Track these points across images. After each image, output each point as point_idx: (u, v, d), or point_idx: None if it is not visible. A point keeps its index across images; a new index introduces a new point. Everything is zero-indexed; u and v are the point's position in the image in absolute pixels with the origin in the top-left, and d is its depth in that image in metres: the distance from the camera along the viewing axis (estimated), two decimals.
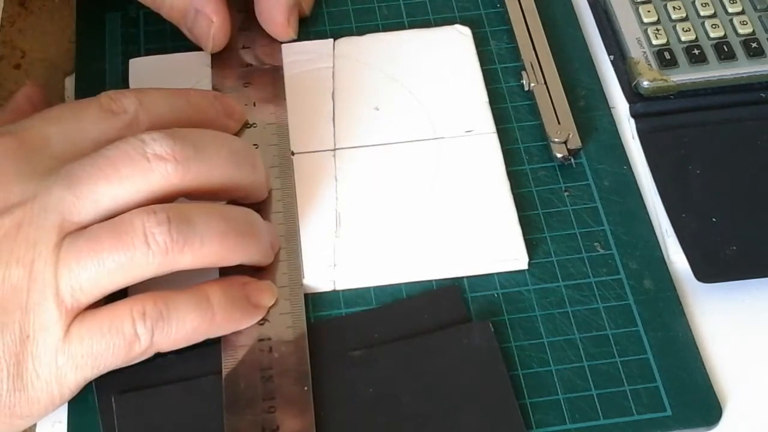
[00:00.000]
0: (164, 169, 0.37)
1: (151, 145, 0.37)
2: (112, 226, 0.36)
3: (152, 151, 0.37)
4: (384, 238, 0.43)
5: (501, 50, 0.50)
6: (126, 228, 0.36)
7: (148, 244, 0.36)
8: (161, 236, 0.36)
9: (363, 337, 0.41)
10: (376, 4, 0.52)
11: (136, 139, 0.37)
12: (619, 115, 0.49)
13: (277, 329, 0.40)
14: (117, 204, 0.37)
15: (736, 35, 0.49)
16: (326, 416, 0.38)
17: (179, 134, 0.38)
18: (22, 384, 0.36)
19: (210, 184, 0.38)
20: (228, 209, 0.40)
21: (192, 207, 0.38)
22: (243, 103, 0.45)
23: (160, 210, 0.36)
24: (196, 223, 0.37)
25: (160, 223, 0.36)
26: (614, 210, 0.45)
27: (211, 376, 0.39)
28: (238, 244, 0.38)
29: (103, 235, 0.36)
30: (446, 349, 0.40)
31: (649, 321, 0.42)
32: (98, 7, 0.51)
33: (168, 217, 0.36)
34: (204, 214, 0.37)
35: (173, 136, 0.38)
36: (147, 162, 0.37)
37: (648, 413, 0.39)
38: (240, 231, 0.39)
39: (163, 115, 0.40)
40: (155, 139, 0.37)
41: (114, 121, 0.39)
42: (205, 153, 0.38)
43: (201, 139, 0.39)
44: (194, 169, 0.37)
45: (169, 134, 0.38)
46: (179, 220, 0.36)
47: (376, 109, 0.47)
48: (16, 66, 0.50)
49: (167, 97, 0.41)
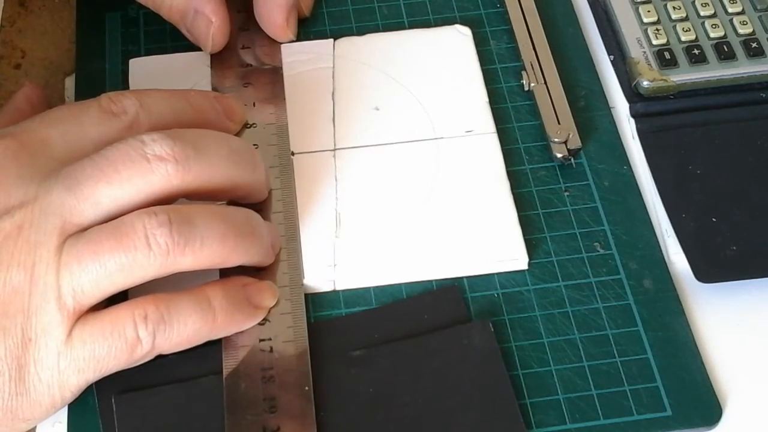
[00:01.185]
0: (164, 170, 0.37)
1: (151, 146, 0.37)
2: (113, 228, 0.36)
3: (152, 151, 0.37)
4: (384, 238, 0.43)
5: (501, 50, 0.50)
6: (127, 230, 0.36)
7: (149, 246, 0.36)
8: (162, 237, 0.36)
9: (363, 337, 0.41)
10: (376, 4, 0.52)
11: (135, 140, 0.37)
12: (619, 115, 0.49)
13: (278, 329, 0.40)
14: (117, 205, 0.37)
15: (736, 35, 0.49)
16: (326, 416, 0.38)
17: (179, 134, 0.38)
18: (24, 387, 0.36)
19: (210, 184, 0.38)
20: (228, 210, 0.40)
21: (193, 208, 0.38)
22: (243, 104, 0.45)
23: (161, 211, 0.36)
24: (197, 224, 0.37)
25: (162, 224, 0.36)
26: (614, 210, 0.45)
27: (212, 376, 0.39)
28: (238, 244, 0.38)
29: (104, 237, 0.36)
30: (446, 349, 0.40)
31: (649, 321, 0.42)
32: (98, 7, 0.51)
33: (169, 218, 0.36)
34: (205, 215, 0.37)
35: (173, 137, 0.37)
36: (147, 163, 0.37)
37: (648, 413, 0.39)
38: (241, 232, 0.39)
39: (164, 116, 0.40)
40: (155, 140, 0.37)
41: (114, 123, 0.39)
42: (205, 153, 0.38)
43: (201, 139, 0.39)
44: (195, 169, 0.37)
45: (168, 134, 0.38)
46: (180, 221, 0.36)
47: (376, 109, 0.47)
48: (16, 66, 0.50)
49: (168, 98, 0.41)
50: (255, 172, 0.41)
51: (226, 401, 0.38)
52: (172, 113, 0.41)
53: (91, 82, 0.48)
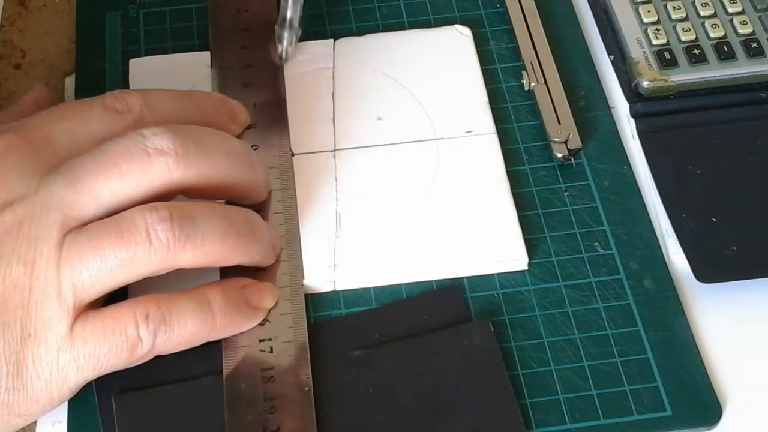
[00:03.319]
0: (165, 164, 0.37)
1: (151, 140, 0.37)
2: (113, 224, 0.36)
3: (153, 145, 0.37)
4: (384, 238, 0.43)
5: (501, 50, 0.50)
6: (128, 225, 0.36)
7: (150, 241, 0.36)
8: (164, 233, 0.36)
9: (363, 337, 0.41)
10: (376, 4, 0.52)
11: (136, 134, 0.37)
12: (619, 115, 0.49)
13: (278, 330, 0.40)
14: (117, 199, 0.37)
15: (736, 35, 0.49)
16: (326, 416, 0.38)
17: (179, 129, 0.38)
18: (21, 383, 0.35)
19: (209, 180, 0.38)
20: (229, 209, 0.40)
21: (194, 205, 0.38)
22: (245, 107, 0.45)
23: (162, 207, 0.36)
24: (199, 221, 0.37)
25: (163, 219, 0.36)
26: (614, 210, 0.45)
27: (212, 376, 0.39)
28: (239, 243, 0.38)
29: (105, 232, 0.36)
30: (446, 349, 0.40)
31: (649, 321, 0.42)
32: (98, 7, 0.51)
33: (170, 213, 0.36)
34: (206, 213, 0.37)
35: (174, 131, 0.37)
36: (147, 156, 0.37)
37: (648, 413, 0.39)
38: (241, 231, 0.39)
39: (168, 115, 0.40)
40: (155, 134, 0.37)
41: (118, 120, 0.39)
42: (205, 149, 0.38)
43: (201, 136, 0.39)
44: (195, 164, 0.37)
45: (170, 129, 0.38)
46: (181, 217, 0.36)
47: (376, 109, 0.47)
48: (16, 66, 0.50)
49: (172, 98, 0.41)
50: (253, 171, 0.41)
51: (226, 401, 0.38)
52: (176, 113, 0.41)
53: (91, 82, 0.48)
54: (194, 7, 0.51)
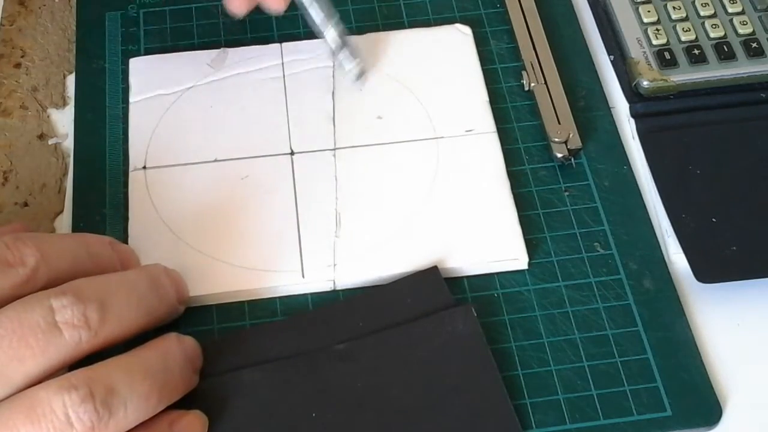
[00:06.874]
0: (77, 337, 0.34)
1: (61, 313, 0.34)
2: (26, 409, 0.33)
3: (63, 319, 0.34)
4: (384, 238, 0.43)
5: (501, 50, 0.50)
6: (44, 410, 0.33)
7: (71, 425, 0.33)
8: (86, 414, 0.33)
9: (347, 327, 0.40)
10: (376, 4, 0.52)
11: (43, 308, 0.34)
12: (619, 115, 0.49)
13: None
14: (29, 380, 0.34)
15: (736, 35, 0.49)
16: (318, 417, 0.38)
17: (86, 293, 0.35)
18: None
19: (123, 336, 0.36)
20: (145, 358, 0.36)
21: (111, 369, 0.35)
22: (136, 253, 0.42)
23: (80, 384, 0.33)
24: (119, 390, 0.34)
25: (84, 399, 0.33)
26: (614, 210, 0.45)
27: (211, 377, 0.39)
28: (162, 398, 0.36)
29: (19, 419, 0.32)
30: (430, 338, 0.40)
31: (649, 321, 0.42)
32: (98, 7, 0.51)
33: (90, 391, 0.33)
34: (124, 375, 0.34)
35: (82, 299, 0.35)
36: (59, 333, 0.34)
37: (648, 413, 0.39)
38: (163, 382, 0.36)
39: (64, 268, 0.37)
40: (65, 306, 0.34)
41: (11, 276, 0.35)
42: (116, 310, 0.36)
43: (108, 294, 0.36)
44: (107, 329, 0.35)
45: (77, 296, 0.35)
46: (103, 392, 0.33)
47: (377, 109, 0.47)
48: (17, 65, 0.50)
49: (69, 249, 0.38)
50: (162, 303, 0.39)
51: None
52: (72, 265, 0.37)
53: (91, 82, 0.49)
54: (194, 7, 0.52)
